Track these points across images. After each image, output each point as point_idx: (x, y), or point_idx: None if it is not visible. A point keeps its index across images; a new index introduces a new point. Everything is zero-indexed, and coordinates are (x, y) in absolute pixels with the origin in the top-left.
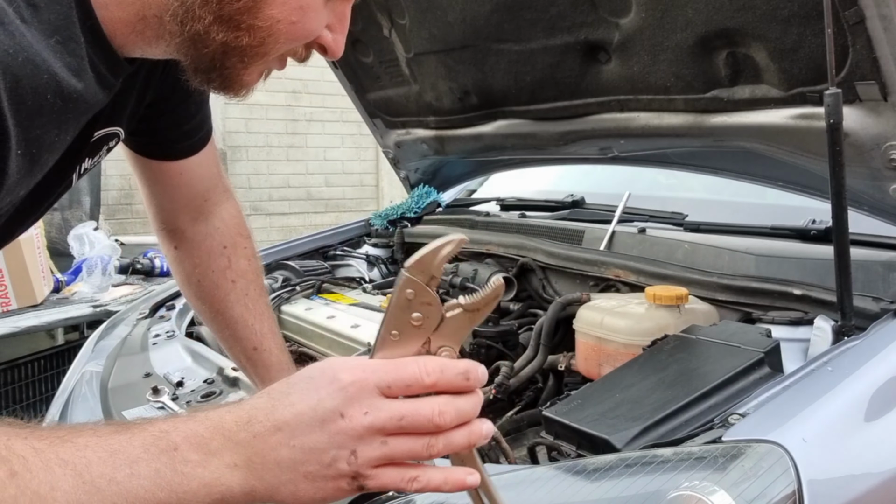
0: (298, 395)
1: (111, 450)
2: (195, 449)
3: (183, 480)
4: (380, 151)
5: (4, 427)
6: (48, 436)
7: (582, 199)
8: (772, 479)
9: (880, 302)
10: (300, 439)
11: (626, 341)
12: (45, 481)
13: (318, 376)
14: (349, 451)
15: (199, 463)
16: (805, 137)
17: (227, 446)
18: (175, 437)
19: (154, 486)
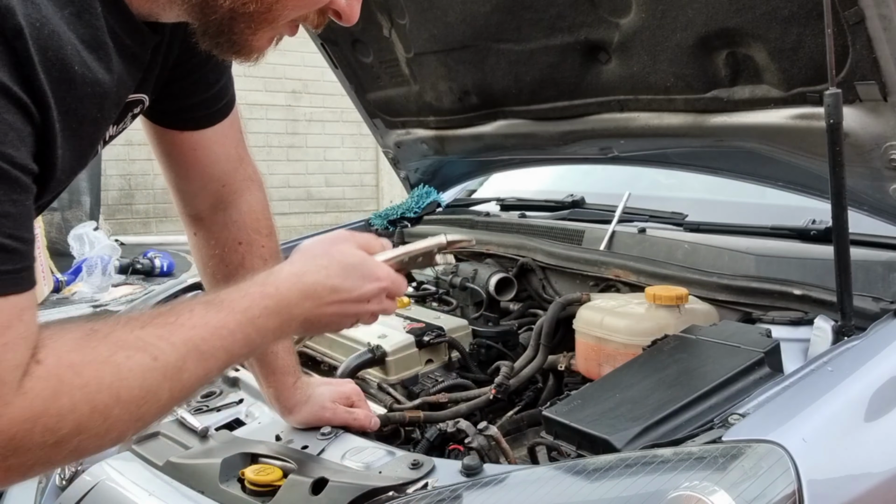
0: (348, 281)
1: (214, 327)
2: (272, 319)
3: (265, 339)
4: (380, 151)
5: (124, 320)
6: (162, 323)
7: (582, 199)
8: (772, 479)
9: (880, 302)
10: (344, 308)
11: (626, 341)
12: (178, 359)
13: (360, 266)
14: (366, 315)
15: (276, 328)
16: (805, 137)
17: (293, 315)
18: (255, 313)
19: (246, 346)
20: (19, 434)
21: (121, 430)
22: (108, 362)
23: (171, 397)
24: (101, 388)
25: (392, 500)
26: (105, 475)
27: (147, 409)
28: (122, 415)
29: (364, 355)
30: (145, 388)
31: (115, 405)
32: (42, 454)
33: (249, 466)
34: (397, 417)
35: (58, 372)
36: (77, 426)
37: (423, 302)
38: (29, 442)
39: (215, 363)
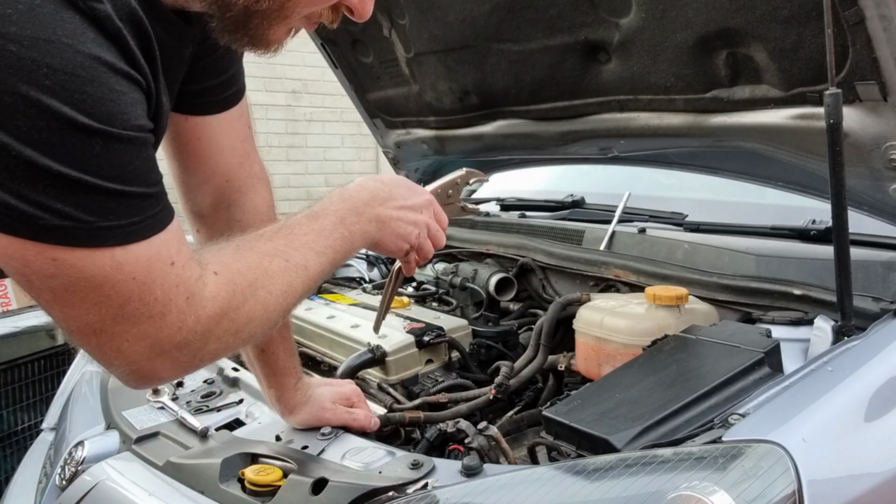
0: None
1: (318, 231)
2: (354, 217)
3: (353, 233)
4: (380, 151)
5: (255, 236)
6: (284, 234)
7: (582, 199)
8: (772, 479)
9: (880, 302)
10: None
11: (626, 341)
12: (302, 259)
13: (405, 182)
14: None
15: (357, 222)
16: (805, 137)
17: (367, 214)
18: (342, 215)
19: (343, 242)
20: (213, 330)
21: (275, 316)
22: (259, 266)
23: (304, 288)
24: (260, 286)
25: (392, 500)
26: (105, 475)
27: (289, 299)
28: (276, 304)
29: (364, 355)
30: (286, 283)
31: (269, 297)
32: (226, 340)
33: (249, 466)
34: (397, 417)
35: (231, 277)
36: (249, 316)
37: (423, 302)
38: (220, 331)
39: (327, 258)
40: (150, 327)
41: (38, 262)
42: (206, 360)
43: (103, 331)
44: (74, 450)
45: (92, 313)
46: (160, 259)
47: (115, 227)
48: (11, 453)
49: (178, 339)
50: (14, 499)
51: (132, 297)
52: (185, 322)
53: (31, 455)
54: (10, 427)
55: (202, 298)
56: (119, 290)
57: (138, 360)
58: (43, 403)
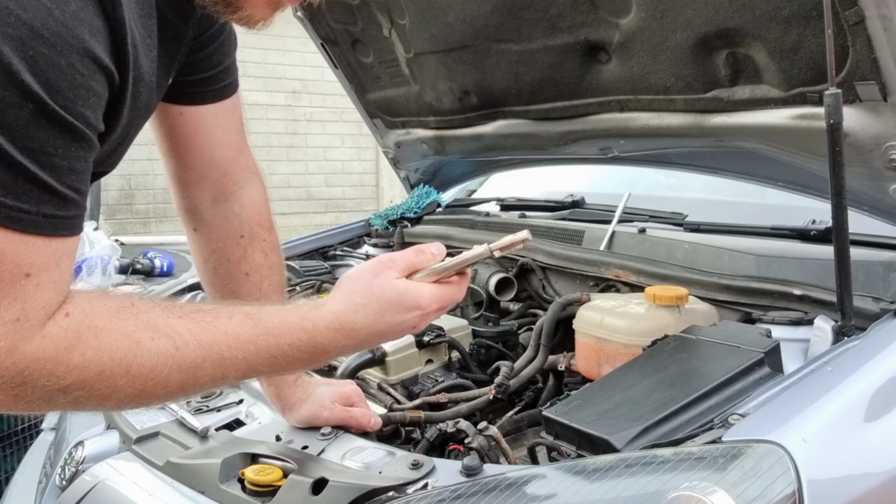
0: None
1: (243, 340)
2: (302, 352)
3: (290, 366)
4: (380, 151)
5: (165, 307)
6: (198, 320)
7: (582, 200)
8: (772, 479)
9: (880, 302)
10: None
11: (626, 341)
12: (198, 357)
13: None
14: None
15: (305, 359)
16: (805, 137)
17: (325, 350)
18: (286, 341)
19: (269, 366)
20: (28, 370)
21: (121, 399)
22: (131, 336)
23: (180, 388)
24: (114, 357)
25: (392, 500)
26: (105, 475)
27: (152, 390)
28: (126, 387)
29: (364, 355)
30: (157, 372)
31: (122, 376)
32: (44, 394)
33: (249, 466)
34: (397, 417)
35: (79, 329)
36: (81, 382)
37: None
38: (35, 380)
39: (233, 372)
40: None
41: None
42: (19, 406)
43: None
44: (74, 450)
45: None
46: (19, 263)
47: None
48: (11, 453)
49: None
50: (14, 499)
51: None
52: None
53: (31, 455)
54: (10, 427)
55: (31, 331)
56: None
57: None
58: None
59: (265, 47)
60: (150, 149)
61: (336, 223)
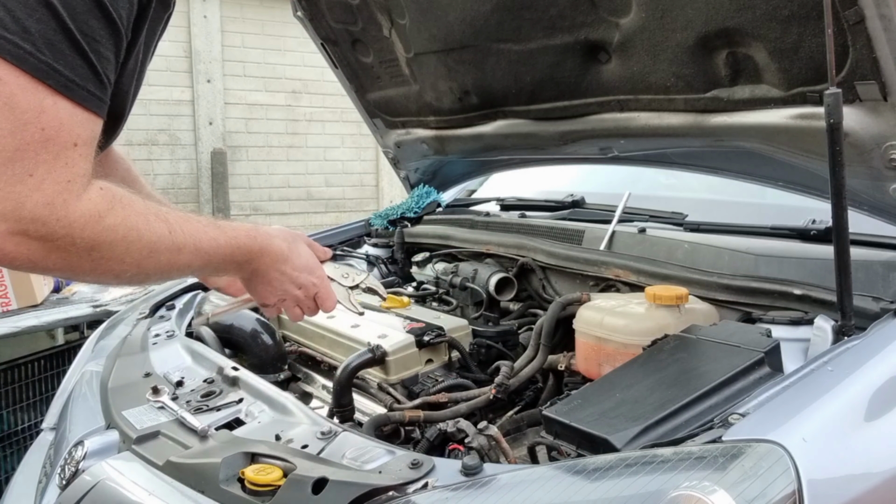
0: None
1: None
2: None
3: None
4: (380, 151)
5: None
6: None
7: (582, 199)
8: (772, 478)
9: (880, 302)
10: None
11: (626, 341)
12: (181, 241)
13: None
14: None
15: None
16: (805, 137)
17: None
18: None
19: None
20: (73, 225)
21: (124, 268)
22: (142, 215)
23: (164, 267)
24: (133, 227)
25: (392, 499)
26: (105, 475)
27: (147, 264)
28: (134, 254)
29: (364, 355)
30: (153, 245)
31: (135, 243)
32: (76, 251)
33: (249, 466)
34: (397, 417)
35: (112, 199)
36: (109, 243)
37: (423, 302)
38: (77, 234)
39: (197, 261)
40: (24, 187)
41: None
42: (50, 263)
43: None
44: (74, 449)
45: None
46: (71, 131)
47: (62, 74)
48: (11, 453)
49: (40, 212)
50: (14, 499)
51: (29, 148)
52: (55, 202)
53: (31, 455)
54: (10, 427)
55: (79, 192)
56: (26, 132)
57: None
58: (43, 403)
59: (265, 47)
60: (149, 149)
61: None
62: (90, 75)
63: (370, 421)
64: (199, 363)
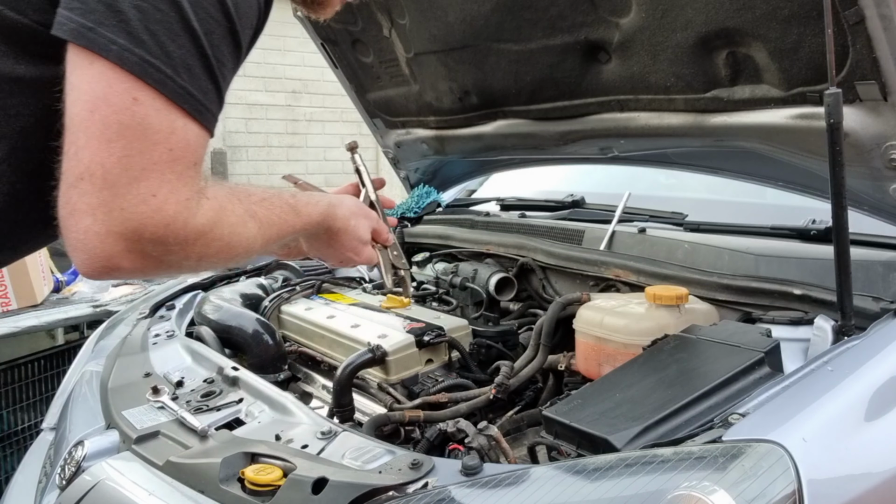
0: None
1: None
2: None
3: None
4: (380, 151)
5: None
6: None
7: (582, 199)
8: (772, 478)
9: (880, 302)
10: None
11: (626, 341)
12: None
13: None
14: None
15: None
16: (805, 137)
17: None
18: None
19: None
20: (191, 240)
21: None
22: (240, 218)
23: (253, 254)
24: (234, 231)
25: (392, 499)
26: (105, 475)
27: (239, 259)
28: (232, 255)
29: (364, 355)
30: (248, 244)
31: (234, 247)
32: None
33: (249, 466)
34: (397, 417)
35: (218, 208)
36: (217, 250)
37: (423, 302)
38: (192, 247)
39: (275, 248)
40: (149, 207)
41: (120, 95)
42: (163, 269)
43: (115, 185)
44: (74, 449)
45: (122, 160)
46: (195, 152)
47: (196, 98)
48: (11, 453)
49: (161, 232)
50: (14, 498)
51: (156, 168)
52: (174, 222)
53: (31, 455)
54: (10, 427)
55: (196, 208)
56: (154, 152)
57: (116, 232)
58: (43, 403)
59: (265, 47)
60: None
61: None
62: (216, 99)
63: (370, 421)
64: (199, 363)
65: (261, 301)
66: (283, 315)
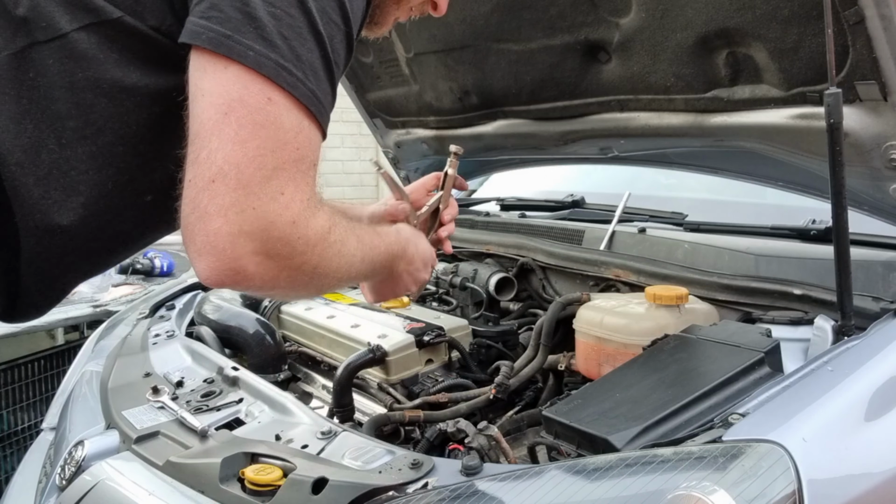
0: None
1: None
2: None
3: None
4: (380, 151)
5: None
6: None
7: (582, 199)
8: (772, 478)
9: (880, 302)
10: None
11: (626, 341)
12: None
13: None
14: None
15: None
16: (805, 137)
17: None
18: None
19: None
20: (312, 241)
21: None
22: (347, 230)
23: (352, 276)
24: (343, 242)
25: (392, 499)
26: (105, 475)
27: (344, 277)
28: (342, 270)
29: (364, 355)
30: (351, 259)
31: (345, 257)
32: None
33: (249, 466)
34: (397, 417)
35: (332, 212)
36: (329, 259)
37: (423, 302)
38: (313, 251)
39: (368, 271)
40: (279, 205)
41: (255, 96)
42: (278, 283)
43: (248, 184)
44: (74, 449)
45: (256, 159)
46: (315, 153)
47: (319, 100)
48: (11, 453)
49: (288, 231)
50: (14, 499)
51: (286, 166)
52: (299, 220)
53: (31, 455)
54: (10, 427)
55: (317, 209)
56: (285, 151)
57: (247, 231)
58: (43, 403)
59: None
60: None
61: None
62: (331, 101)
63: (370, 421)
64: (199, 363)
65: (261, 301)
66: (283, 315)
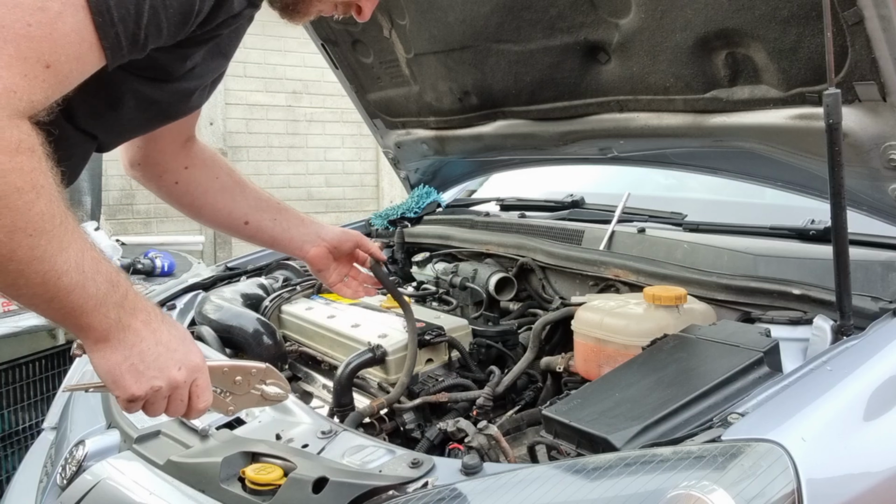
0: (179, 351)
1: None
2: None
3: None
4: (380, 151)
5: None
6: (90, 248)
7: (582, 200)
8: (771, 478)
9: (879, 302)
10: (158, 361)
11: (625, 342)
12: (68, 237)
13: (192, 354)
14: (164, 386)
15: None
16: (804, 137)
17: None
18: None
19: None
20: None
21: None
22: (48, 184)
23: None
24: (33, 184)
25: (392, 498)
26: (106, 474)
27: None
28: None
29: (364, 355)
30: (41, 220)
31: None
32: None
33: (250, 465)
34: (367, 410)
35: (34, 145)
36: (12, 192)
37: (423, 302)
38: None
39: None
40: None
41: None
42: None
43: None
44: (75, 449)
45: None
46: (54, 48)
47: (111, 13)
48: (12, 453)
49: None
50: (15, 498)
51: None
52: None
53: (32, 454)
54: (10, 427)
55: (12, 112)
56: (12, 16)
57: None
58: (44, 403)
59: (266, 48)
60: None
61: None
62: (133, 29)
63: (348, 421)
64: None
65: (261, 301)
66: (283, 315)
